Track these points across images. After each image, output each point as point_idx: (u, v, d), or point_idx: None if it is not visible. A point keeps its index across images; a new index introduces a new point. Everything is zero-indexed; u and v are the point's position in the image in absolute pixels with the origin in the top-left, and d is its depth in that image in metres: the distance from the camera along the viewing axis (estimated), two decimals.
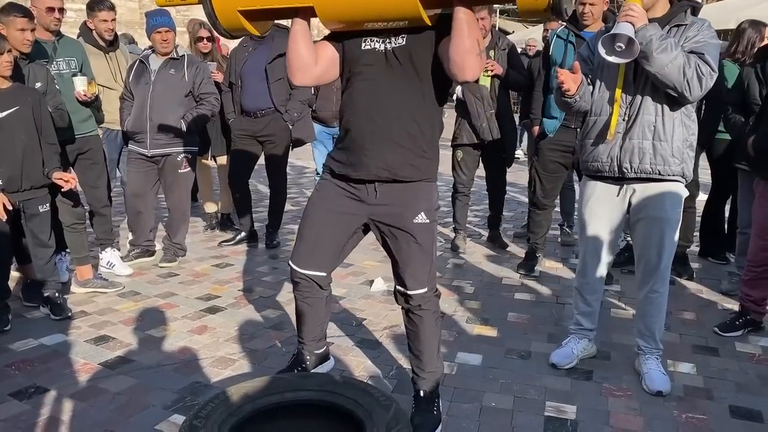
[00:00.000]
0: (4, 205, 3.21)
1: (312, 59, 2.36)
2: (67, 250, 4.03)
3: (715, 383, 2.88)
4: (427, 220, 2.39)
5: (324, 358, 2.75)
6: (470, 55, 2.12)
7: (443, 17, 2.23)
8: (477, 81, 4.65)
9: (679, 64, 2.50)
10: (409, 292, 2.44)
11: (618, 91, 2.73)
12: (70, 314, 3.51)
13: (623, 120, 2.74)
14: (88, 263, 3.97)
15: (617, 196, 2.85)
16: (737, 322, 3.43)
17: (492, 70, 4.60)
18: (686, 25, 2.66)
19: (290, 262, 2.53)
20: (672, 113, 2.68)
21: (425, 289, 2.44)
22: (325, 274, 2.53)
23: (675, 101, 2.65)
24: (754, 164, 3.37)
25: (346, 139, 2.41)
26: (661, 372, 2.85)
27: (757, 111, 3.58)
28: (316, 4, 2.16)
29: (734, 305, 3.71)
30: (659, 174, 2.71)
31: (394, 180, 2.35)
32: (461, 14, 2.10)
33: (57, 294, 3.56)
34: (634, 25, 2.51)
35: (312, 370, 2.67)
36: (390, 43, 2.32)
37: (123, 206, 4.85)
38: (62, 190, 3.47)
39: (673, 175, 2.72)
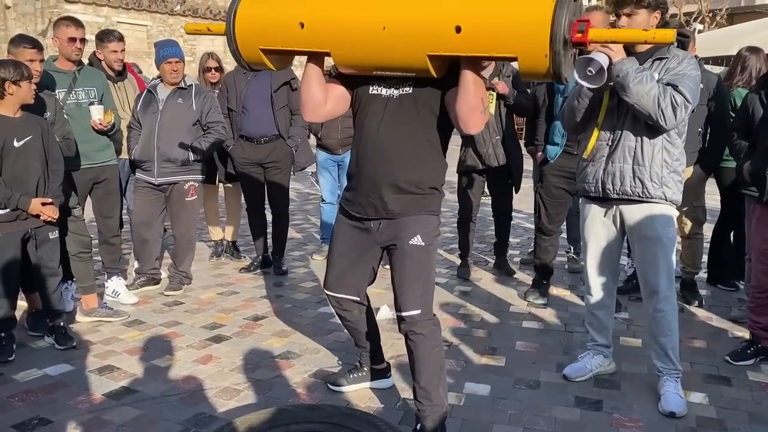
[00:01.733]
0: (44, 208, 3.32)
1: (323, 99, 2.49)
2: (73, 278, 4.02)
3: (728, 414, 2.83)
4: (423, 243, 2.49)
5: (381, 373, 3.01)
6: (475, 113, 2.27)
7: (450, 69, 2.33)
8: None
9: (654, 95, 2.63)
10: (401, 313, 2.51)
11: (601, 115, 2.88)
12: (74, 344, 3.49)
13: (607, 144, 2.90)
14: (94, 292, 3.96)
15: (605, 216, 3.02)
16: (748, 351, 3.39)
17: (497, 89, 4.61)
18: (668, 58, 2.78)
19: (324, 288, 2.77)
20: (652, 139, 2.81)
21: (418, 311, 2.48)
22: (353, 297, 2.73)
23: (654, 128, 2.77)
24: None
25: (354, 180, 2.58)
26: (678, 394, 2.88)
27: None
28: (333, 50, 2.28)
29: (745, 333, 3.67)
30: (638, 196, 2.85)
31: (395, 218, 2.50)
32: (469, 75, 2.22)
33: (62, 323, 3.54)
34: (610, 58, 2.64)
35: (368, 383, 3.01)
36: (397, 89, 2.45)
37: (129, 234, 4.85)
38: (41, 218, 3.37)
39: (652, 198, 2.84)
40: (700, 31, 16.19)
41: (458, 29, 2.07)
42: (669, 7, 2.93)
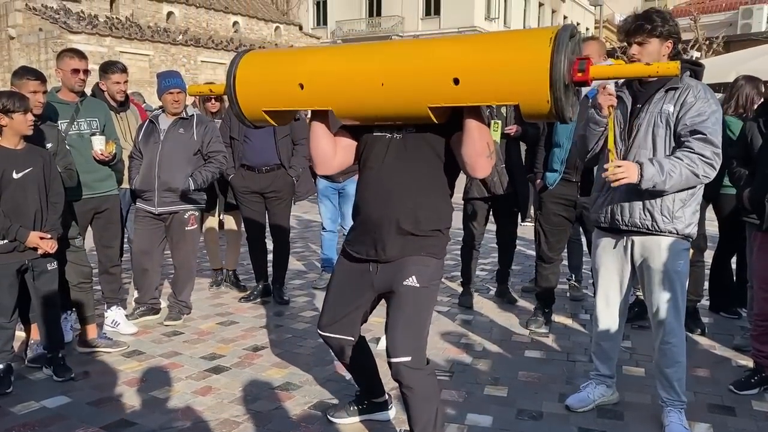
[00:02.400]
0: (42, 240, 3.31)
1: (332, 152, 2.54)
2: (73, 309, 4.00)
3: None
4: (417, 284, 2.41)
5: (381, 406, 2.99)
6: (481, 158, 2.28)
7: (450, 128, 2.35)
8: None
9: (688, 175, 2.62)
10: (390, 359, 2.42)
11: (611, 141, 2.79)
12: (72, 375, 3.46)
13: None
14: (94, 323, 3.94)
15: (615, 247, 2.98)
16: (752, 380, 3.35)
17: (510, 133, 4.65)
18: (680, 87, 2.72)
19: (318, 328, 2.75)
20: None
21: (408, 358, 2.38)
22: (347, 337, 2.69)
23: (674, 134, 2.73)
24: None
25: (357, 221, 2.58)
26: (682, 425, 2.85)
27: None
28: (334, 107, 2.32)
29: (748, 361, 3.64)
30: (648, 229, 2.81)
31: (392, 261, 2.47)
32: (472, 123, 2.23)
33: (60, 355, 3.52)
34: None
35: (368, 416, 2.98)
36: (401, 131, 2.45)
37: (129, 263, 4.85)
38: (38, 251, 3.36)
39: (662, 232, 2.79)
40: (697, 59, 16.35)
41: (456, 81, 2.06)
42: (680, 29, 2.90)
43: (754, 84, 4.37)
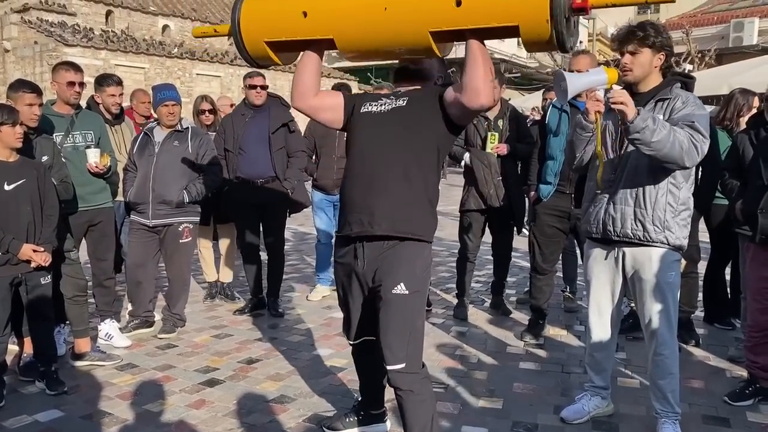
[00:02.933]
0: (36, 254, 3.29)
1: (314, 88, 2.55)
2: (66, 321, 3.98)
3: None
4: (406, 291, 2.43)
5: (377, 418, 2.98)
6: (485, 82, 2.26)
7: (441, 94, 2.40)
8: (484, 148, 4.73)
9: (674, 141, 2.56)
10: (387, 367, 2.44)
11: (598, 146, 2.83)
12: (65, 389, 3.44)
13: (608, 184, 2.87)
14: (87, 336, 3.92)
15: (607, 258, 2.99)
16: (747, 391, 3.36)
17: (501, 152, 4.68)
18: (671, 98, 2.76)
19: (347, 340, 2.84)
20: (656, 182, 2.76)
21: (402, 365, 2.41)
22: (369, 337, 2.70)
23: (659, 170, 2.73)
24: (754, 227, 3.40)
25: (343, 200, 2.60)
26: None
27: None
28: (336, 36, 2.35)
29: (743, 372, 3.64)
30: (639, 239, 2.81)
31: (380, 237, 2.45)
32: (475, 45, 2.25)
33: (53, 368, 3.50)
34: (625, 114, 2.57)
35: (364, 428, 2.97)
36: (390, 104, 2.49)
37: (123, 276, 4.83)
38: (31, 264, 3.34)
39: (653, 242, 2.80)
40: (690, 71, 16.48)
41: (458, 2, 2.12)
42: (673, 50, 2.94)
43: (746, 96, 4.42)
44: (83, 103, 4.26)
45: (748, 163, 3.59)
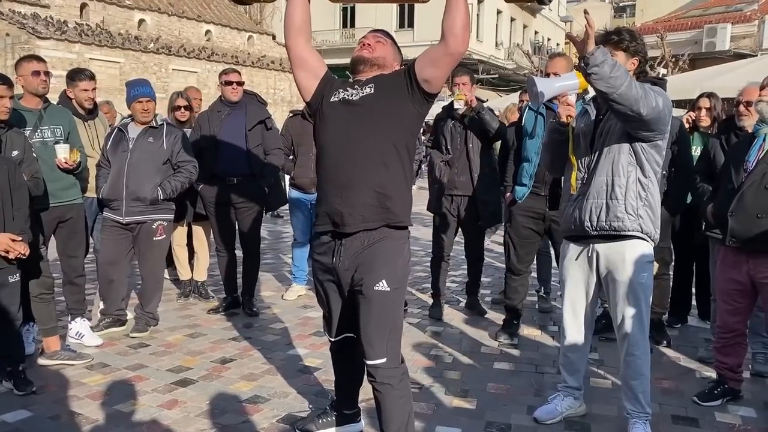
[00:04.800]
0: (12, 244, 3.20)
1: (304, 24, 2.61)
2: (34, 320, 3.91)
3: None
4: (388, 288, 2.44)
5: (351, 418, 2.96)
6: (464, 28, 2.35)
7: (408, 69, 2.48)
8: (452, 104, 4.79)
9: (631, 82, 2.59)
10: (367, 362, 2.47)
11: (571, 146, 2.92)
12: (34, 389, 3.37)
13: (582, 183, 2.92)
14: (56, 334, 3.85)
15: (581, 256, 3.02)
16: (716, 391, 3.41)
17: (468, 97, 4.67)
18: None
19: (325, 333, 2.83)
20: (626, 174, 2.81)
21: (383, 360, 2.45)
22: (349, 334, 2.70)
23: (627, 160, 2.79)
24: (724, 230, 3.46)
25: (319, 194, 2.62)
26: None
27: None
28: None
29: (712, 373, 3.69)
30: (615, 230, 2.85)
31: (357, 231, 2.47)
32: None
33: (21, 368, 3.43)
34: (586, 45, 2.58)
35: (338, 428, 2.95)
36: (359, 91, 2.50)
37: (95, 274, 4.76)
38: (8, 256, 3.26)
39: (629, 231, 2.85)
40: (664, 75, 16.72)
41: None
42: (646, 48, 2.99)
43: (712, 101, 4.51)
44: (55, 99, 4.18)
45: (720, 167, 3.65)
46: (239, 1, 2.68)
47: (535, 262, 4.81)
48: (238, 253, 5.09)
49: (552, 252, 4.96)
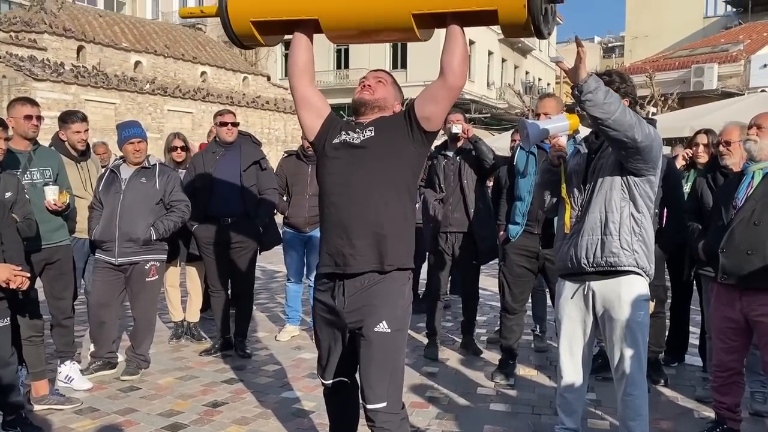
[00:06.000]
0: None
1: (307, 64, 2.66)
2: (23, 364, 3.84)
3: None
4: (388, 330, 2.42)
5: None
6: (463, 64, 2.41)
7: (408, 110, 2.51)
8: (445, 143, 4.86)
9: (625, 109, 2.62)
10: (366, 406, 2.43)
11: (563, 190, 2.96)
12: None
13: (576, 221, 2.93)
14: (45, 378, 3.78)
15: (576, 294, 3.00)
16: None
17: (466, 132, 4.75)
18: None
19: (319, 377, 2.73)
20: (619, 210, 2.83)
21: (383, 404, 2.40)
22: (343, 378, 2.67)
23: (620, 195, 2.81)
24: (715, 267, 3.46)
25: (322, 235, 2.60)
26: None
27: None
28: (321, 15, 2.45)
29: (711, 413, 3.65)
30: (611, 266, 2.84)
31: (359, 273, 2.46)
32: (457, 30, 2.38)
33: (23, 414, 3.33)
34: (579, 72, 2.58)
35: None
36: (360, 134, 2.52)
37: (85, 316, 4.70)
38: (9, 286, 3.18)
39: (625, 266, 2.84)
40: (653, 114, 16.96)
41: None
42: (635, 88, 3.05)
43: (710, 137, 4.57)
44: (46, 141, 4.19)
45: (711, 206, 3.67)
46: (240, 45, 2.72)
47: (530, 300, 4.79)
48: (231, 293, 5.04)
49: (547, 290, 4.95)
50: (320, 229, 2.66)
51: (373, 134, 2.51)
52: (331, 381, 2.70)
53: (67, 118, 4.48)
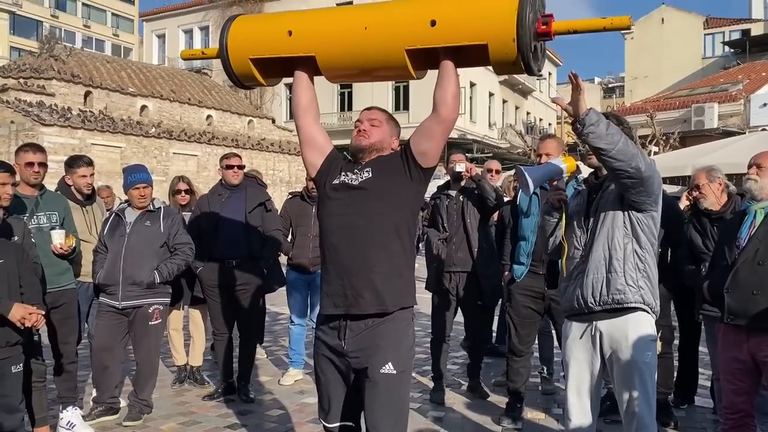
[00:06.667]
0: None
1: (310, 103, 2.71)
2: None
3: None
4: (394, 371, 2.41)
5: None
6: (455, 98, 2.48)
7: (404, 148, 2.57)
8: (448, 183, 4.88)
9: (626, 140, 2.64)
10: None
11: (562, 230, 2.98)
12: None
13: (581, 261, 2.92)
14: (47, 425, 3.75)
15: (584, 335, 2.96)
16: None
17: (469, 170, 4.77)
18: None
19: (321, 420, 2.68)
20: (622, 247, 2.83)
21: None
22: (347, 423, 2.61)
23: (622, 232, 2.81)
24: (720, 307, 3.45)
25: (324, 277, 2.60)
26: None
27: (706, 259, 3.79)
28: (318, 53, 2.52)
29: None
30: (618, 303, 2.82)
31: (363, 315, 2.45)
32: (449, 64, 2.44)
33: None
34: (578, 107, 2.61)
35: None
36: (358, 177, 2.54)
37: (88, 360, 4.67)
38: (25, 325, 3.14)
39: (632, 302, 2.82)
40: (655, 153, 17.06)
41: (433, 23, 2.33)
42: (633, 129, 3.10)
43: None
44: (52, 186, 4.24)
45: (701, 247, 3.84)
46: (240, 85, 2.79)
47: (536, 342, 4.74)
48: (234, 337, 5.01)
49: (553, 331, 4.90)
50: (321, 270, 2.66)
51: (371, 175, 2.53)
52: (335, 425, 2.64)
53: (73, 162, 4.53)
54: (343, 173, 2.59)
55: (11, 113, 18.10)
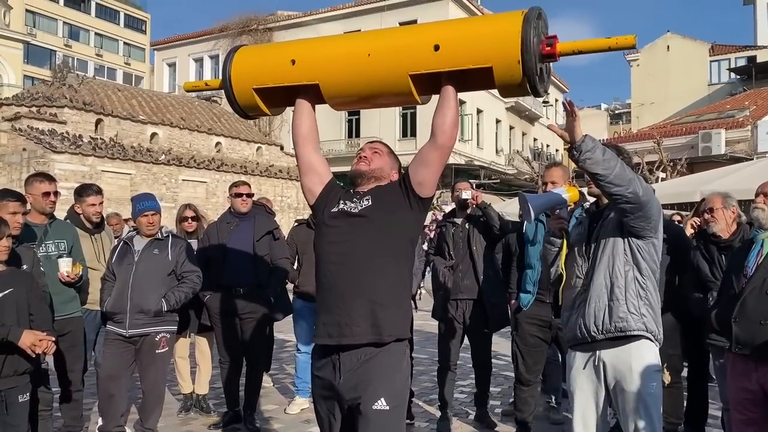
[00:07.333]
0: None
1: (311, 131, 2.70)
2: None
3: None
4: (387, 407, 2.36)
5: None
6: (454, 125, 2.47)
7: (403, 177, 2.59)
8: (453, 211, 4.87)
9: (623, 164, 2.65)
10: None
11: (562, 259, 3.00)
12: None
13: (583, 290, 2.92)
14: None
15: (588, 365, 2.95)
16: None
17: (475, 198, 4.78)
18: None
19: None
20: (625, 275, 2.83)
21: None
22: None
23: (623, 258, 2.81)
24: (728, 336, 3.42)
25: (319, 305, 2.58)
26: None
27: (714, 287, 3.78)
28: (321, 81, 2.51)
29: None
30: (621, 331, 2.82)
31: (355, 345, 2.41)
32: (451, 90, 2.44)
33: None
34: (573, 134, 2.63)
35: None
36: (357, 206, 2.54)
37: (94, 388, 4.66)
38: (35, 351, 3.16)
39: (634, 330, 2.81)
40: (663, 179, 17.04)
41: (437, 47, 2.32)
42: (632, 158, 3.11)
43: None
44: (62, 215, 4.28)
45: (709, 274, 3.80)
46: (244, 115, 2.82)
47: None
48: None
49: (560, 360, 4.86)
50: (317, 298, 2.63)
51: (370, 203, 2.54)
52: None
53: (82, 191, 4.58)
54: (342, 201, 2.60)
55: (23, 141, 18.35)
